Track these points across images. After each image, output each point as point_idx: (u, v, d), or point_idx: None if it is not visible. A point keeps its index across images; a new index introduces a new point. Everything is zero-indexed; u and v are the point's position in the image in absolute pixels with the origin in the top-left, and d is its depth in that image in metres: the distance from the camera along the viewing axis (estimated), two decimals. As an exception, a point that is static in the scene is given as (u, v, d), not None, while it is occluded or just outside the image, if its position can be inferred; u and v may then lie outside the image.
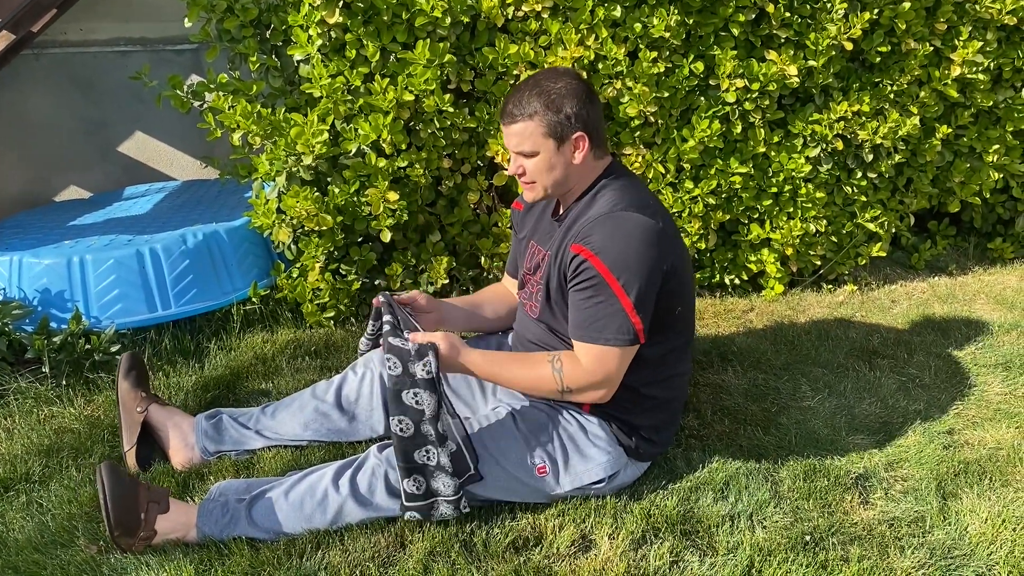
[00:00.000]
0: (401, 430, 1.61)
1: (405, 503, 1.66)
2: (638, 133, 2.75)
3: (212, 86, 2.54)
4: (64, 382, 2.34)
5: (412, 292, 1.95)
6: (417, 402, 1.60)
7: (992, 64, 3.00)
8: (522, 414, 1.81)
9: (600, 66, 2.64)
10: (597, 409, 1.81)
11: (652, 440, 1.86)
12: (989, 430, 2.14)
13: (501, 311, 2.15)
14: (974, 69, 2.94)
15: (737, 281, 3.07)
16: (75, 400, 2.28)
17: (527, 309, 1.92)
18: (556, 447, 1.78)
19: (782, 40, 2.77)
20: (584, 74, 2.61)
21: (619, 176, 1.79)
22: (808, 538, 1.72)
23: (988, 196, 3.27)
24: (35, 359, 2.39)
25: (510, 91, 1.74)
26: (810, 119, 2.85)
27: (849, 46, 2.74)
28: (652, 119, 2.73)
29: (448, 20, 2.48)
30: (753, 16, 2.71)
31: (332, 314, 2.72)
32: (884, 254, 3.14)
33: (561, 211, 1.85)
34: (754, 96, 2.73)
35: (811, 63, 2.76)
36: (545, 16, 2.59)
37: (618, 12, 2.59)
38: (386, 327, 1.70)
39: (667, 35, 2.60)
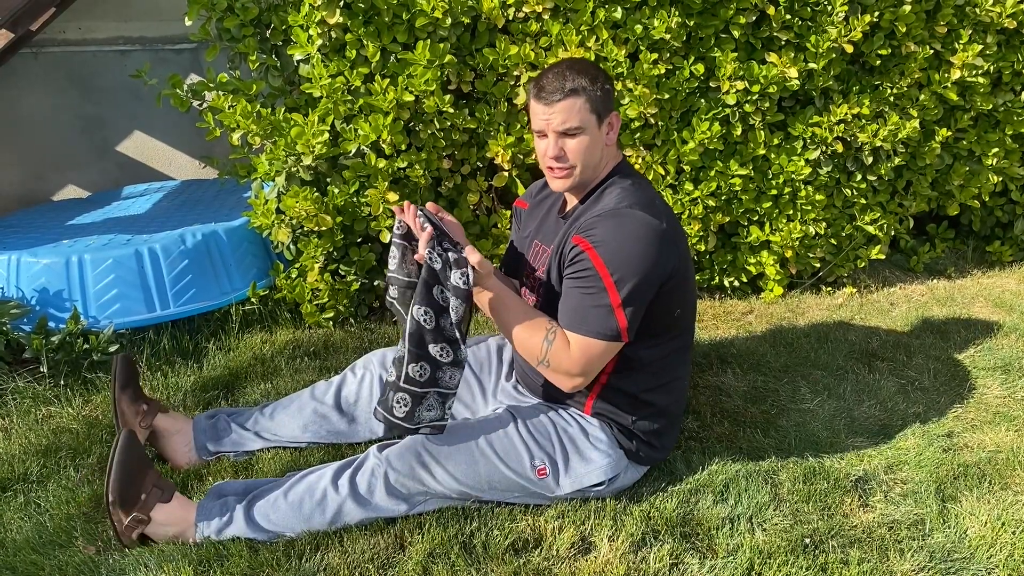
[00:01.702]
0: (424, 320, 1.62)
1: (401, 383, 1.64)
2: (638, 135, 2.75)
3: (212, 85, 2.54)
4: (62, 382, 2.34)
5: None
6: (443, 299, 1.63)
7: (992, 67, 3.01)
8: (523, 415, 1.80)
9: (601, 67, 2.63)
10: (598, 411, 1.81)
11: (653, 445, 1.85)
12: (988, 433, 2.14)
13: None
14: (974, 72, 2.94)
15: (736, 283, 3.07)
16: (73, 400, 2.28)
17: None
18: (556, 449, 1.77)
19: (782, 42, 2.77)
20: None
21: (628, 175, 1.79)
22: (808, 541, 1.72)
23: (987, 199, 3.28)
24: (33, 359, 2.38)
25: (544, 74, 1.70)
26: (810, 121, 2.85)
27: (849, 49, 2.74)
28: (652, 121, 2.73)
29: (448, 21, 2.48)
30: (754, 18, 2.71)
31: (331, 315, 2.71)
32: (883, 257, 3.14)
33: (567, 208, 1.85)
34: (754, 98, 2.73)
35: (811, 65, 2.76)
36: (546, 17, 2.58)
37: (619, 14, 2.59)
38: (430, 228, 1.68)
39: (668, 37, 2.60)
